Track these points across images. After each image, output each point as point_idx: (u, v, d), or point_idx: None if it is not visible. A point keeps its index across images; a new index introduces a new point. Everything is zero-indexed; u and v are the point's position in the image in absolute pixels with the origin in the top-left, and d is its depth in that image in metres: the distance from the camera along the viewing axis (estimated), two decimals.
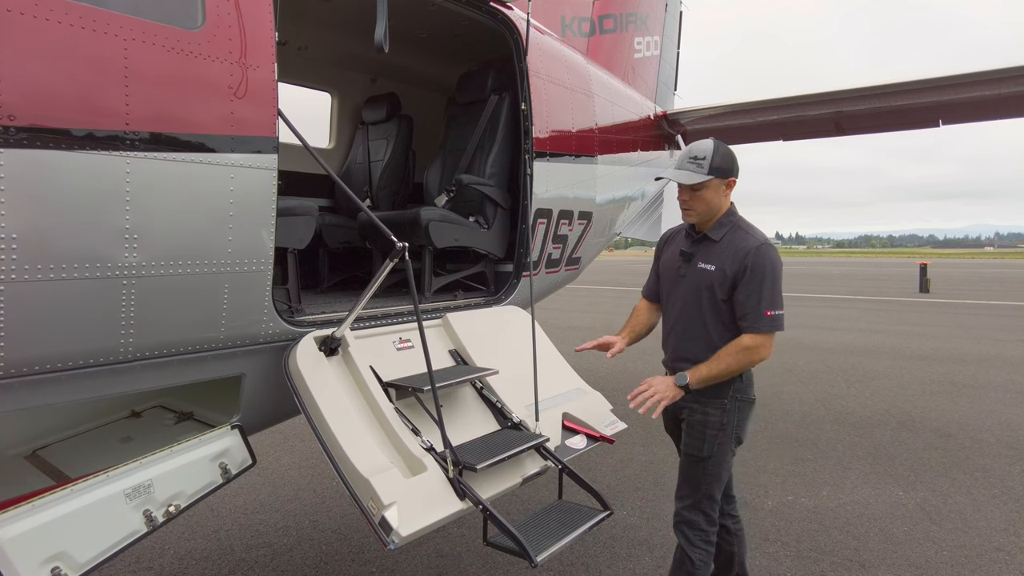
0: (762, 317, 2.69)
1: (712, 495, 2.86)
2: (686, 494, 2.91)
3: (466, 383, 3.29)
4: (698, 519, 2.86)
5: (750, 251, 2.72)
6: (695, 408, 2.85)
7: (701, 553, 2.85)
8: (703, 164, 2.76)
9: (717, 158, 2.77)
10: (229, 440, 2.78)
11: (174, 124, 2.31)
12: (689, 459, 2.89)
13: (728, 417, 2.81)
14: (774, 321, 2.71)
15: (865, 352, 10.70)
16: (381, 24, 2.93)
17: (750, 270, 2.70)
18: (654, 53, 7.66)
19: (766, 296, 2.70)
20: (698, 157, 2.78)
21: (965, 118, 6.29)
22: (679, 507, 2.94)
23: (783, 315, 2.74)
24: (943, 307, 18.14)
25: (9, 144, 1.90)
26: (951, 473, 5.24)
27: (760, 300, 2.69)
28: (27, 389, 2.13)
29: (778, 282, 2.74)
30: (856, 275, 36.97)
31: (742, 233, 2.81)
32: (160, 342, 2.42)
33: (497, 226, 4.41)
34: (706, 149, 2.79)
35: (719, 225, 2.85)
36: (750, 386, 2.89)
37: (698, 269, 2.84)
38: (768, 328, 2.71)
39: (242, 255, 2.56)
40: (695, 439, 2.86)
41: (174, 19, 2.32)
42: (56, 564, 2.14)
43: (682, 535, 2.91)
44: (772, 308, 2.70)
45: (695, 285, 2.85)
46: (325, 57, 5.33)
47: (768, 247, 2.75)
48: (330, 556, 3.97)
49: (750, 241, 2.76)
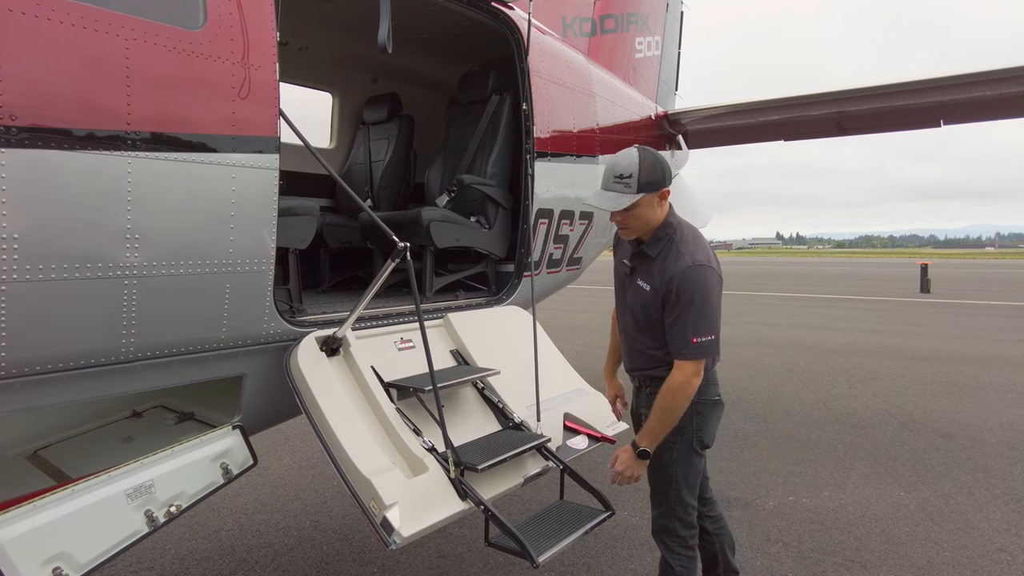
0: (687, 344, 2.56)
1: (683, 500, 2.81)
2: (659, 502, 2.89)
3: (467, 383, 3.29)
4: (674, 525, 2.83)
5: (676, 274, 2.57)
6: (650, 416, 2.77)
7: (681, 559, 2.83)
8: (630, 183, 2.56)
9: (644, 172, 2.56)
10: (230, 440, 2.78)
11: (175, 124, 2.31)
12: (653, 467, 2.83)
13: (683, 422, 2.70)
14: (700, 348, 2.55)
15: (866, 352, 10.69)
16: (385, 24, 2.93)
17: (675, 294, 2.57)
18: (655, 53, 7.66)
19: (691, 322, 2.55)
20: (624, 176, 2.57)
21: (967, 118, 6.29)
22: (654, 515, 2.93)
23: (713, 340, 2.58)
24: (944, 307, 18.12)
25: (11, 144, 1.90)
26: (952, 474, 5.23)
27: (685, 326, 2.56)
28: (28, 389, 2.13)
29: (707, 305, 2.56)
30: (857, 275, 36.96)
31: (675, 252, 2.63)
32: (161, 342, 2.42)
33: (498, 226, 4.41)
34: (631, 165, 2.57)
35: (655, 240, 2.70)
36: (708, 388, 2.77)
37: (636, 286, 2.76)
38: (693, 355, 2.56)
39: (243, 255, 2.56)
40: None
41: (175, 19, 2.32)
42: (57, 564, 2.13)
43: (661, 543, 2.89)
44: (698, 334, 2.55)
45: (635, 302, 2.78)
46: (326, 57, 5.33)
47: (695, 269, 2.57)
48: (331, 556, 3.97)
49: (680, 263, 2.59)
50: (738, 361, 9.93)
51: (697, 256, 2.61)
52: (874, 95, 5.98)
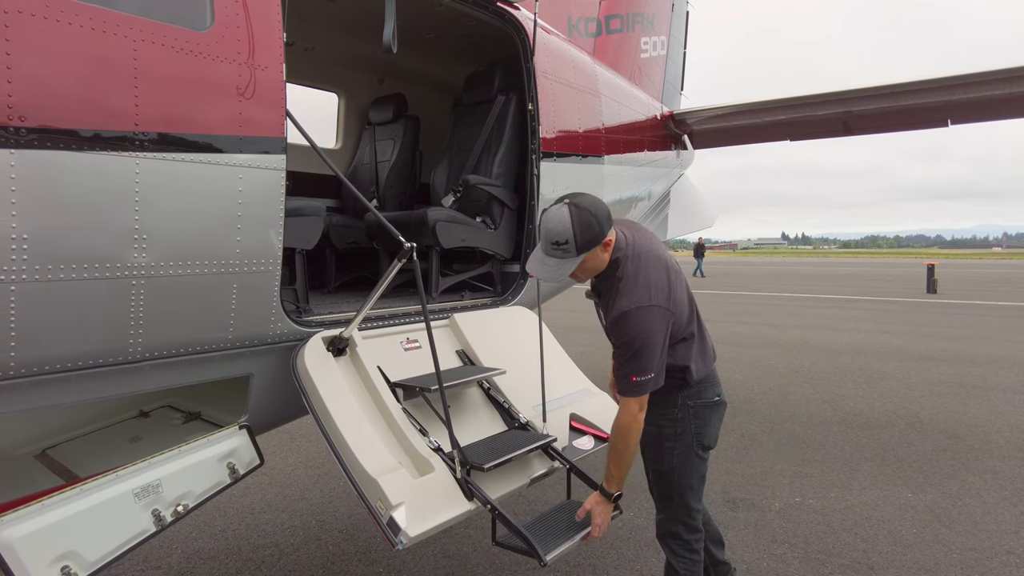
0: (628, 383, 2.57)
1: (687, 504, 2.81)
2: (662, 506, 2.89)
3: (473, 383, 3.29)
4: (677, 529, 2.83)
5: (616, 319, 2.57)
6: (648, 421, 2.72)
7: (685, 562, 2.82)
8: (569, 248, 2.49)
9: (579, 235, 2.47)
10: (237, 440, 2.79)
11: (183, 125, 2.32)
12: (655, 473, 2.86)
13: (681, 426, 2.73)
14: (638, 387, 2.55)
15: (872, 353, 10.65)
16: (389, 25, 2.93)
17: (616, 337, 2.60)
18: (660, 53, 7.64)
19: (631, 362, 2.54)
20: (560, 243, 2.49)
21: (974, 118, 6.26)
22: (658, 519, 2.93)
23: (651, 378, 2.55)
24: (951, 308, 18.04)
25: (20, 145, 1.91)
26: (960, 475, 5.20)
27: (626, 366, 2.56)
28: (37, 389, 2.14)
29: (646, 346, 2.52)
30: (863, 275, 36.83)
31: (616, 293, 2.60)
32: (169, 342, 2.43)
33: (504, 226, 4.41)
34: (565, 231, 2.47)
35: (604, 277, 2.69)
36: (706, 389, 2.77)
37: (601, 316, 2.78)
38: (632, 393, 2.57)
39: (250, 255, 2.56)
40: (654, 452, 2.82)
41: (183, 20, 2.33)
42: (66, 563, 2.15)
43: (665, 546, 2.89)
44: (637, 374, 2.54)
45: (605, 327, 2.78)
46: (332, 58, 5.34)
47: (630, 314, 2.53)
48: (337, 556, 3.98)
49: (618, 306, 2.57)
50: (744, 362, 9.90)
51: (635, 297, 2.55)
52: (881, 95, 5.95)
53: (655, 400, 2.67)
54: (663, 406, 2.74)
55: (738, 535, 4.18)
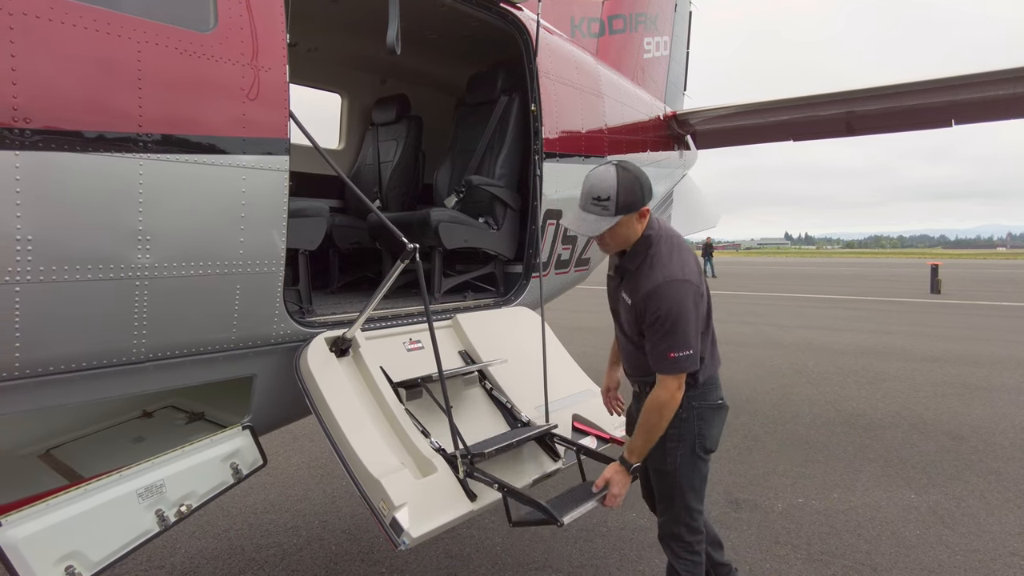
0: (664, 359, 2.53)
1: (689, 505, 2.78)
2: (665, 508, 2.86)
3: (475, 383, 3.29)
4: (679, 531, 2.81)
5: (650, 292, 2.54)
6: None
7: (687, 564, 2.81)
8: (608, 206, 2.51)
9: (622, 194, 2.50)
10: (240, 440, 2.79)
11: (187, 126, 2.33)
12: (657, 474, 2.82)
13: (685, 427, 2.69)
14: (679, 363, 2.52)
15: (876, 353, 10.62)
16: (393, 26, 2.94)
17: (650, 312, 2.54)
18: (663, 53, 7.64)
19: (667, 339, 2.51)
20: (601, 198, 2.52)
21: (978, 118, 6.24)
22: (660, 521, 2.91)
23: (692, 354, 2.53)
24: (955, 308, 17.99)
25: (25, 146, 1.91)
26: (964, 476, 5.19)
27: (661, 343, 2.53)
28: (42, 389, 2.15)
29: (682, 320, 2.50)
30: (866, 276, 36.75)
31: (648, 267, 2.60)
32: (172, 343, 2.44)
33: (507, 227, 4.41)
34: (608, 188, 2.51)
35: (633, 253, 2.66)
36: (710, 391, 2.75)
37: (622, 298, 2.73)
38: (671, 371, 2.54)
39: (254, 256, 2.57)
40: (656, 453, 2.74)
41: (187, 21, 2.34)
42: (70, 563, 2.16)
43: (667, 548, 2.88)
44: (675, 350, 2.51)
45: (623, 313, 2.76)
46: (335, 58, 5.35)
47: (668, 285, 2.52)
48: (340, 556, 3.98)
49: (652, 279, 2.56)
50: (747, 362, 9.89)
51: (670, 271, 2.56)
52: (884, 95, 5.94)
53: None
54: None
55: (741, 536, 4.18)
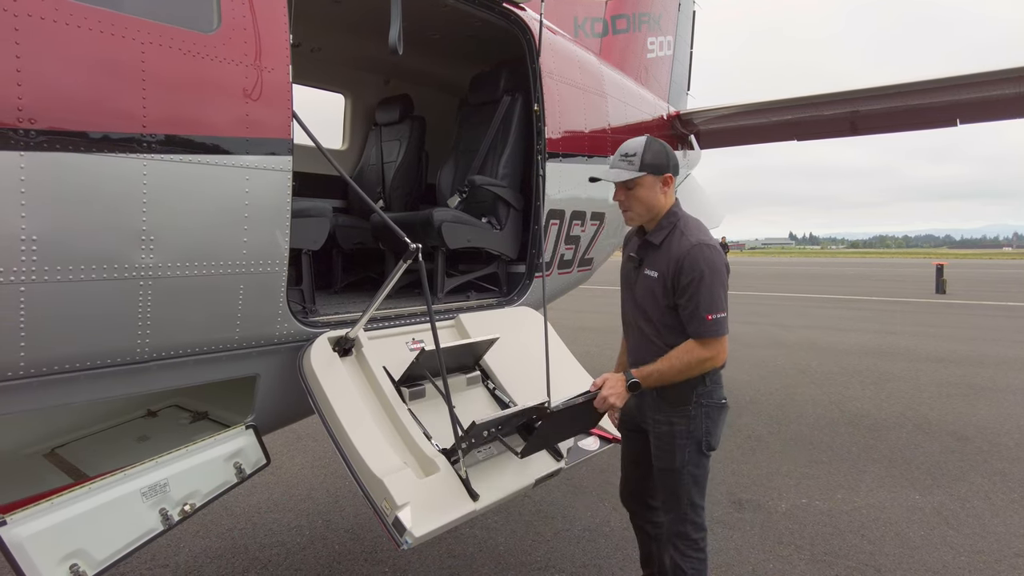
0: (704, 322, 2.55)
1: (695, 502, 2.78)
2: (670, 506, 2.84)
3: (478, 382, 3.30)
4: (687, 529, 2.79)
5: (684, 254, 2.59)
6: (660, 420, 2.76)
7: (693, 562, 2.79)
8: (634, 161, 2.66)
9: (648, 154, 2.66)
10: (243, 440, 2.80)
11: (190, 127, 2.33)
12: (664, 472, 2.80)
13: (694, 424, 2.71)
14: (716, 324, 2.56)
15: (880, 354, 10.59)
16: (395, 26, 2.94)
17: (685, 273, 2.58)
18: (667, 53, 7.63)
19: (704, 300, 2.55)
20: (629, 154, 2.68)
21: (983, 117, 6.21)
22: (666, 520, 2.88)
23: (725, 317, 2.59)
24: (960, 308, 17.92)
25: (30, 147, 1.92)
26: (969, 477, 5.17)
27: (698, 305, 2.56)
28: (46, 388, 2.16)
29: (716, 283, 2.57)
30: (871, 276, 36.64)
31: (679, 235, 2.68)
32: (176, 342, 2.44)
33: (510, 227, 4.41)
34: (637, 146, 2.69)
35: (659, 228, 2.74)
36: (716, 390, 2.76)
37: (644, 276, 2.75)
38: (712, 333, 2.56)
39: (257, 256, 2.57)
40: (665, 451, 2.77)
41: (190, 22, 2.34)
42: (74, 561, 2.16)
43: (673, 547, 2.84)
44: (712, 311, 2.54)
45: (644, 292, 2.76)
46: (338, 59, 5.36)
47: (701, 247, 2.59)
48: (343, 555, 3.99)
49: (684, 243, 2.62)
50: (751, 362, 9.87)
51: (702, 237, 2.64)
52: (888, 95, 5.92)
53: (670, 395, 2.71)
54: (677, 403, 2.73)
55: (744, 536, 4.17)
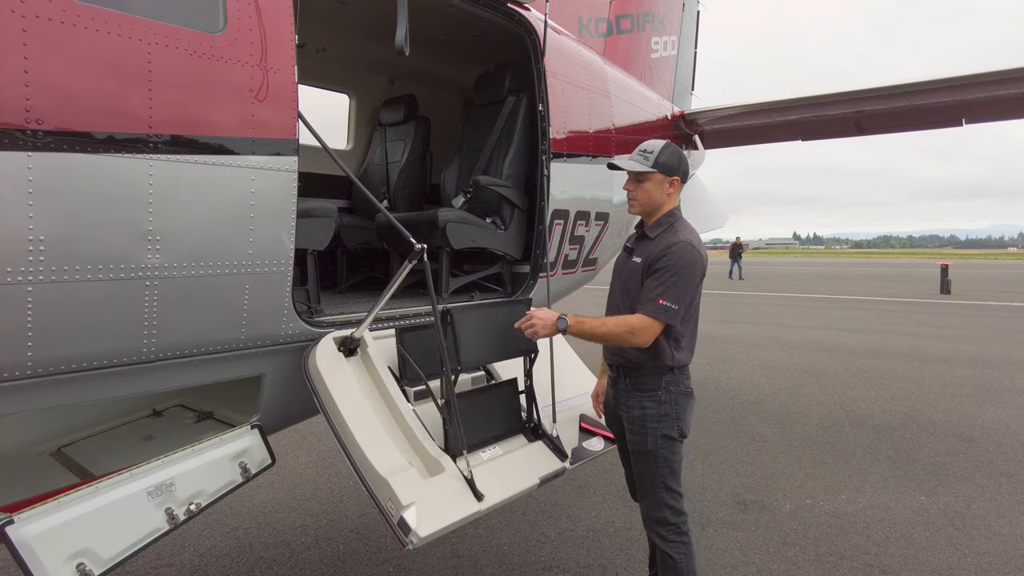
0: (654, 303, 2.72)
1: (670, 487, 2.87)
2: (646, 492, 2.92)
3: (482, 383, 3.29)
4: (664, 514, 2.86)
5: (668, 246, 2.79)
6: (632, 404, 2.89)
7: (678, 546, 2.85)
8: (649, 157, 2.87)
9: (664, 155, 2.87)
10: (249, 440, 2.81)
11: (197, 127, 2.34)
12: (638, 456, 2.91)
13: (665, 408, 2.84)
14: (664, 311, 2.71)
15: (884, 354, 10.56)
16: (402, 27, 2.95)
17: (661, 261, 2.78)
18: (671, 53, 7.62)
19: (666, 287, 2.73)
20: (647, 151, 2.90)
21: (989, 117, 6.19)
22: (643, 508, 2.95)
23: (677, 310, 2.73)
24: (965, 308, 17.86)
25: (37, 148, 1.93)
26: (974, 478, 5.15)
27: (657, 287, 2.74)
28: (54, 388, 2.17)
29: (684, 279, 2.73)
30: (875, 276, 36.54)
31: (672, 232, 2.87)
32: (182, 342, 2.45)
33: (514, 227, 4.41)
34: (656, 145, 2.91)
35: (657, 224, 2.93)
36: (683, 379, 2.90)
37: (631, 263, 2.94)
38: (655, 315, 2.71)
39: (263, 256, 2.58)
40: (638, 434, 2.87)
41: (197, 23, 2.35)
42: (81, 560, 2.17)
43: (655, 534, 2.91)
44: (666, 299, 2.71)
45: (627, 278, 2.94)
46: (343, 59, 5.36)
47: (686, 245, 2.78)
48: (347, 555, 4.00)
49: (672, 238, 2.83)
50: (755, 363, 9.86)
51: (690, 238, 2.83)
52: (893, 94, 5.90)
53: (640, 383, 2.87)
54: (647, 388, 2.86)
55: (748, 537, 4.17)
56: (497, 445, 3.03)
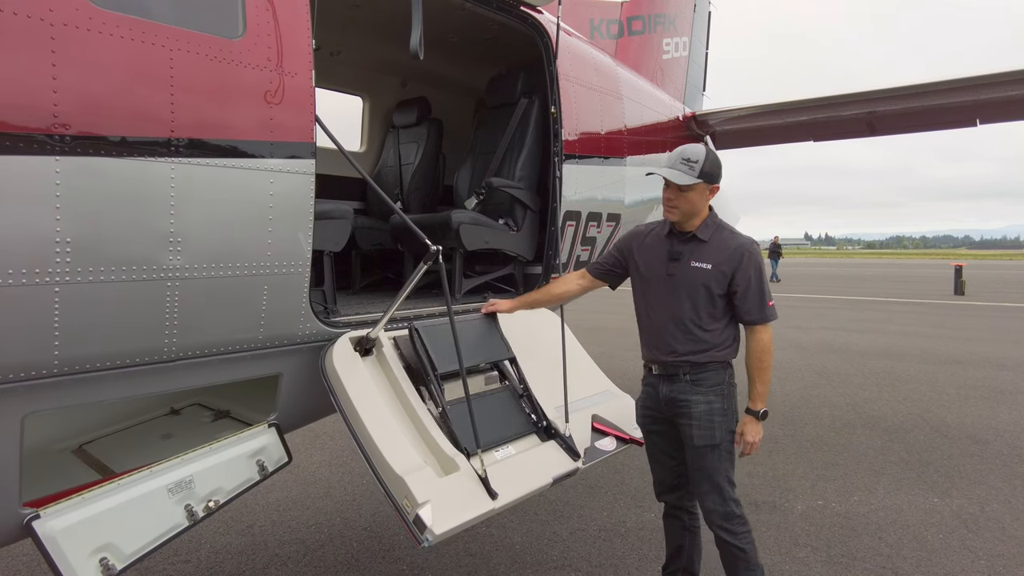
0: (767, 308, 2.93)
1: (732, 480, 2.96)
2: (712, 487, 2.93)
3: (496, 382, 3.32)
4: (731, 507, 2.92)
5: (745, 251, 2.91)
6: (697, 400, 2.93)
7: (746, 536, 2.93)
8: (695, 168, 2.90)
9: (708, 164, 2.91)
10: (266, 438, 2.85)
11: (217, 131, 2.38)
12: (703, 451, 2.93)
13: (728, 403, 2.96)
14: (774, 311, 2.96)
15: (897, 355, 10.50)
16: (416, 31, 2.98)
17: (748, 268, 2.90)
18: (683, 54, 7.62)
19: (765, 290, 2.94)
20: (691, 160, 2.92)
21: (1004, 117, 6.15)
22: (709, 505, 2.95)
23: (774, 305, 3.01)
24: (979, 310, 17.70)
25: (64, 152, 1.98)
26: (988, 480, 5.13)
27: (760, 293, 2.91)
28: (79, 386, 2.22)
29: (765, 276, 2.99)
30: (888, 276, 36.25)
31: (728, 233, 2.99)
32: (202, 342, 2.49)
33: (526, 228, 4.44)
34: (699, 153, 2.93)
35: (705, 226, 3.00)
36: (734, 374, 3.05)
37: (691, 268, 2.95)
38: (772, 317, 2.95)
39: (281, 258, 2.62)
40: (705, 429, 2.92)
41: (216, 29, 2.39)
42: (104, 555, 2.22)
43: (722, 530, 2.92)
44: (770, 299, 2.96)
45: (689, 282, 2.95)
46: (357, 61, 5.41)
47: (754, 244, 2.97)
48: (361, 553, 4.04)
49: (740, 240, 2.96)
50: None
51: (747, 238, 2.99)
52: (907, 95, 5.88)
53: (705, 378, 2.94)
54: (712, 384, 2.94)
55: (760, 537, 4.15)
56: (510, 445, 3.06)
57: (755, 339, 2.95)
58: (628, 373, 8.57)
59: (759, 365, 2.95)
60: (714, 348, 2.94)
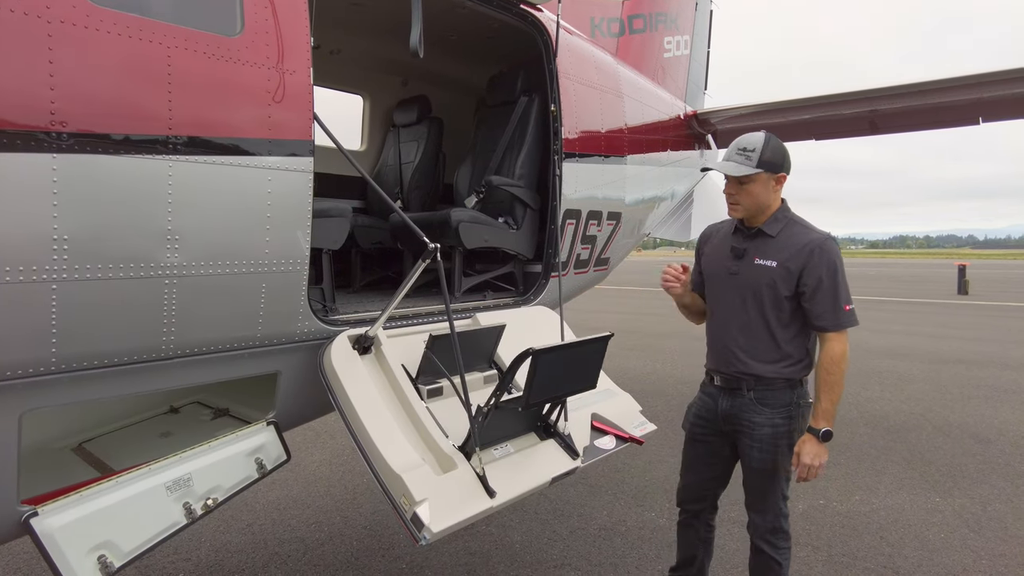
0: (842, 313, 2.62)
1: (786, 496, 2.82)
2: (767, 505, 2.80)
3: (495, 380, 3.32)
4: (781, 523, 2.80)
5: (815, 246, 2.62)
6: (761, 422, 2.71)
7: (786, 552, 2.81)
8: (752, 157, 2.64)
9: (767, 152, 2.64)
10: (265, 436, 2.85)
11: (215, 128, 2.38)
12: (763, 473, 2.76)
13: (793, 424, 2.72)
14: (850, 316, 2.63)
15: (900, 355, 10.47)
16: (416, 29, 2.97)
17: (819, 266, 2.61)
18: (684, 52, 7.61)
19: (841, 292, 2.62)
20: (747, 149, 2.66)
21: (1007, 115, 6.12)
22: (759, 520, 2.83)
23: (854, 309, 2.65)
24: (983, 309, 17.65)
25: (62, 149, 1.98)
26: (990, 480, 5.11)
27: (836, 294, 2.61)
28: (77, 384, 2.22)
29: (843, 275, 2.64)
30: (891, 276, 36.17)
31: (800, 228, 2.70)
32: (200, 340, 2.49)
33: (526, 227, 4.43)
34: (756, 141, 2.67)
35: (774, 220, 2.73)
36: (807, 389, 2.77)
37: (755, 266, 2.71)
38: (847, 324, 2.62)
39: (279, 256, 2.62)
40: (767, 452, 2.72)
41: (215, 26, 2.39)
42: (102, 552, 2.22)
43: (764, 541, 2.82)
44: (848, 302, 2.63)
45: (753, 282, 2.71)
46: (357, 60, 5.41)
47: (829, 241, 2.65)
48: (361, 551, 4.04)
49: (813, 235, 2.66)
50: None
51: (823, 232, 2.68)
52: (909, 93, 5.86)
53: (769, 397, 2.71)
54: (778, 404, 2.72)
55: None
56: (509, 443, 3.05)
57: (826, 348, 2.63)
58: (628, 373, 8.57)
59: (827, 378, 2.61)
60: (782, 361, 2.68)
